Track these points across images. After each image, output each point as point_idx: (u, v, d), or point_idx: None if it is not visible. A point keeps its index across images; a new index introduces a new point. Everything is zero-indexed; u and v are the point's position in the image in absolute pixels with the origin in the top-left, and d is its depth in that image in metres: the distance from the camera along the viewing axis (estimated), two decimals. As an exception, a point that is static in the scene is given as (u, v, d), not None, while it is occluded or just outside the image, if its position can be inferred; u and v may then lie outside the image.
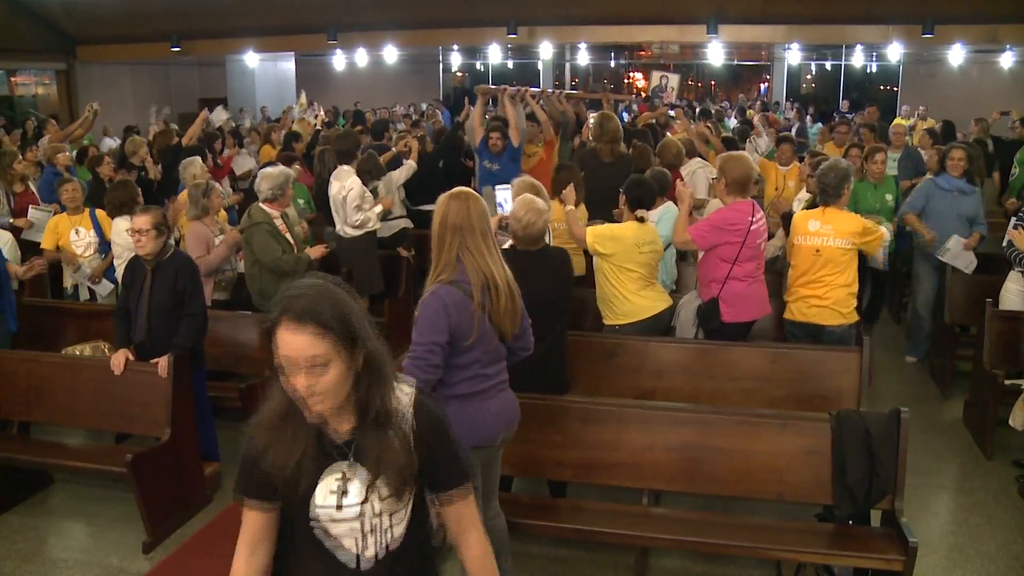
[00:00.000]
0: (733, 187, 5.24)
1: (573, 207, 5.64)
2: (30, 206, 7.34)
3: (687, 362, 5.21)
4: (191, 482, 5.09)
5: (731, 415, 4.30)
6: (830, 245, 5.26)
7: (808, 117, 19.46)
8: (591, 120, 10.05)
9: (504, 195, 5.49)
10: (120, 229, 6.18)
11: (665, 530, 4.09)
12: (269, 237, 5.96)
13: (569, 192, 5.71)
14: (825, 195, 5.35)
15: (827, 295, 5.30)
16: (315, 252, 6.29)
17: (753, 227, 5.18)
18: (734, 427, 4.22)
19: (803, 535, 4.01)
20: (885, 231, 5.75)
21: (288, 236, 6.12)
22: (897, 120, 12.94)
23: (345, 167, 7.15)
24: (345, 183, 7.02)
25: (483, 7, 15.37)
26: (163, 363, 4.86)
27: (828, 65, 25.79)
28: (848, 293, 5.35)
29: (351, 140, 7.62)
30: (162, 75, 21.15)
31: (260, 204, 6.09)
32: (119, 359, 4.93)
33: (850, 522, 4.10)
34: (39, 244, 6.83)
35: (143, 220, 4.95)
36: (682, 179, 7.10)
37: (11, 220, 7.49)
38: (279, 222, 6.08)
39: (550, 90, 10.18)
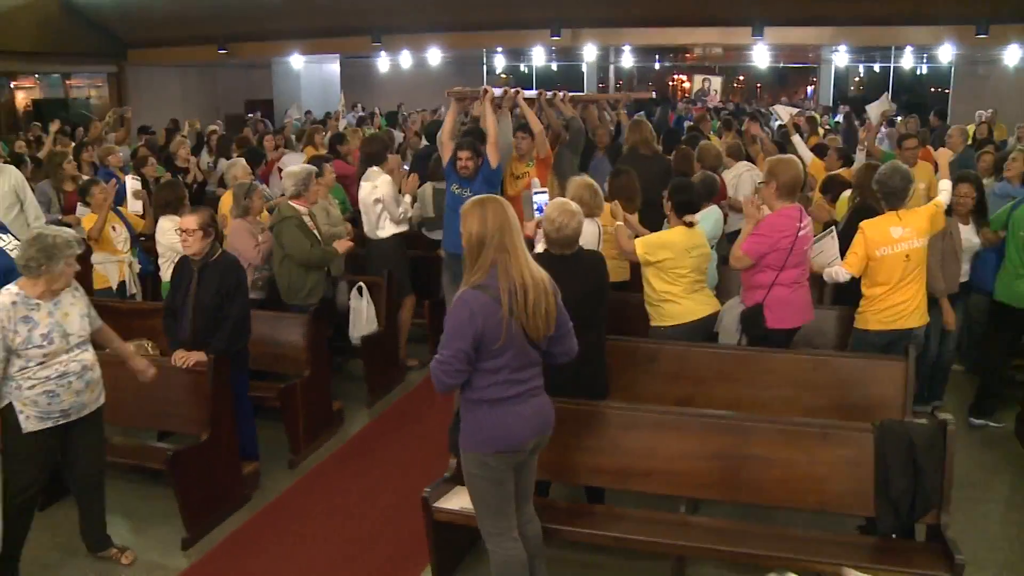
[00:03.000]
0: (783, 191, 5.15)
1: (623, 222, 5.56)
2: (79, 204, 7.46)
3: (727, 368, 5.13)
4: (230, 481, 5.13)
5: (771, 423, 4.21)
6: (916, 247, 5.14)
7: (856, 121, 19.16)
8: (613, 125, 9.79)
9: (541, 199, 5.46)
10: (165, 228, 6.26)
11: (702, 539, 4.01)
12: (298, 231, 6.08)
13: (617, 207, 5.66)
14: (894, 199, 5.18)
15: (914, 298, 5.21)
16: (342, 245, 6.37)
17: (801, 233, 5.10)
18: (774, 435, 4.14)
19: (844, 547, 3.92)
20: (942, 186, 5.61)
21: (316, 232, 6.22)
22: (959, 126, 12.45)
23: (375, 168, 7.19)
24: (376, 182, 7.07)
25: (526, 9, 15.35)
26: (184, 354, 4.92)
27: (877, 67, 25.38)
28: (925, 291, 5.31)
29: (379, 142, 7.65)
30: (209, 77, 21.46)
31: (288, 200, 6.20)
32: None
33: (893, 536, 4.00)
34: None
35: (190, 220, 5.02)
36: (724, 183, 7.04)
37: (60, 217, 7.64)
38: (307, 218, 6.17)
39: (550, 93, 8.59)
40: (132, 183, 7.51)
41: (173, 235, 5.85)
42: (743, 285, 5.39)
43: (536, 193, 5.73)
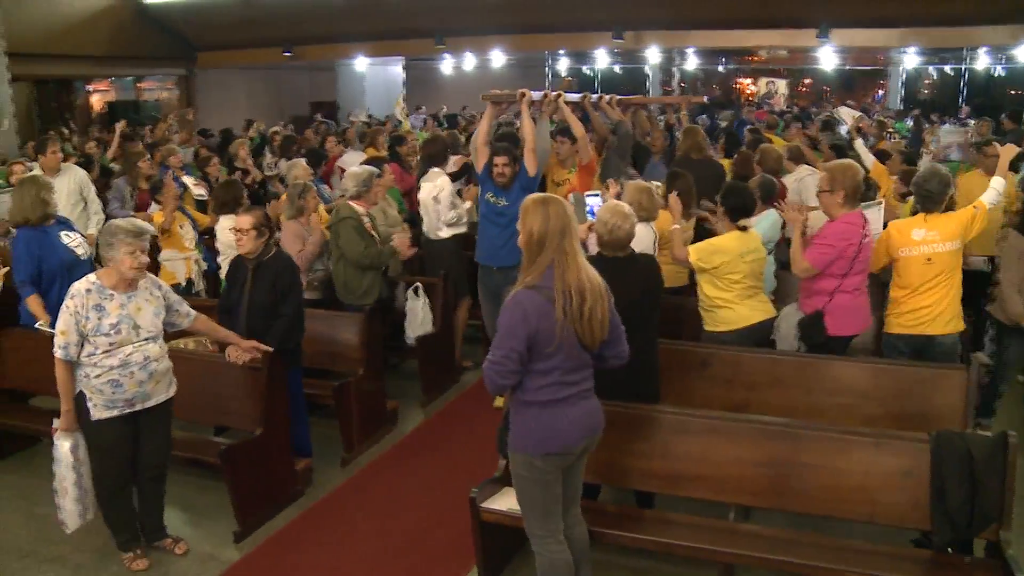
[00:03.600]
0: (847, 198, 5.07)
1: (679, 225, 5.49)
2: (152, 201, 7.66)
3: (782, 374, 5.05)
4: (282, 476, 5.21)
5: (822, 431, 4.13)
6: (940, 251, 5.01)
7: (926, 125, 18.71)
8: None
9: (594, 202, 5.45)
10: (224, 227, 6.39)
11: (751, 547, 3.95)
12: (354, 232, 6.16)
13: (675, 204, 5.61)
14: (929, 202, 5.08)
15: (939, 304, 5.05)
16: (402, 243, 6.41)
17: (865, 239, 5.03)
18: (825, 443, 4.06)
19: (897, 560, 3.81)
20: (993, 184, 5.37)
21: (374, 234, 6.28)
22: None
23: (435, 169, 7.24)
24: (436, 182, 7.13)
25: (589, 11, 15.31)
26: (238, 351, 5.00)
27: (949, 69, 24.74)
28: (957, 299, 5.12)
29: (439, 144, 7.69)
30: (275, 80, 21.84)
31: (347, 201, 6.28)
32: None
33: (950, 551, 3.89)
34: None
35: (245, 220, 5.13)
36: (784, 187, 6.93)
37: (133, 214, 7.85)
38: (365, 220, 6.24)
39: (595, 96, 8.34)
40: (190, 181, 7.66)
41: (231, 234, 5.97)
42: (802, 291, 5.31)
43: (589, 196, 5.73)
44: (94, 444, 4.41)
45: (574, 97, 7.72)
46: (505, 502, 4.17)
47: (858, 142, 8.70)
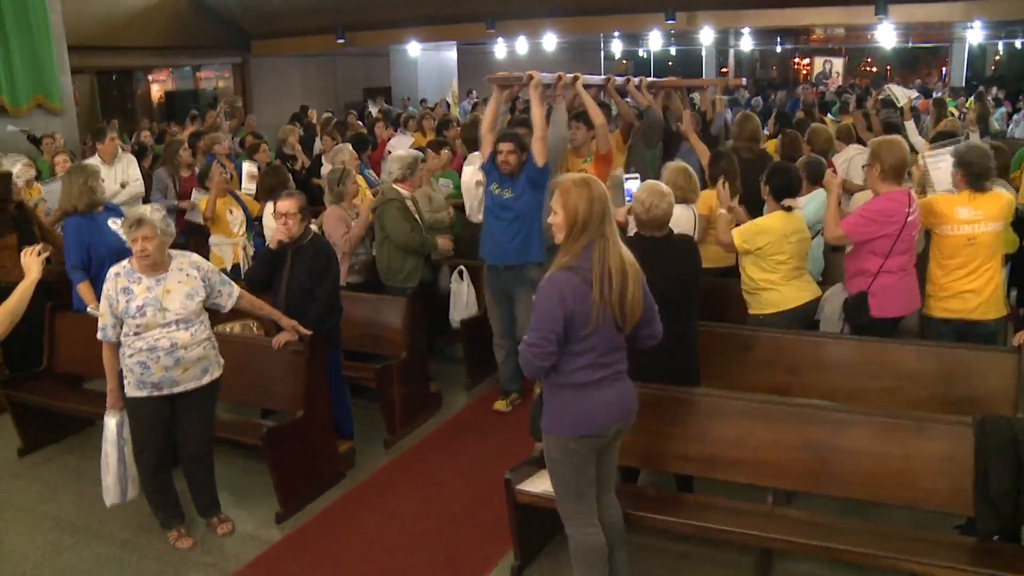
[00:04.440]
0: (888, 174, 4.94)
1: (726, 211, 5.41)
2: (193, 189, 7.79)
3: (825, 357, 4.95)
4: (324, 459, 5.27)
5: (862, 415, 4.04)
6: (984, 231, 4.86)
7: (992, 101, 18.14)
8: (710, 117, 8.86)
9: (632, 185, 5.39)
10: (270, 213, 6.46)
11: (789, 532, 3.87)
12: (399, 215, 6.20)
13: (724, 191, 5.52)
14: (977, 180, 4.89)
15: (984, 289, 4.89)
16: (443, 243, 6.47)
17: (909, 218, 4.89)
18: (865, 428, 3.97)
19: (939, 547, 3.71)
20: None
21: (417, 217, 6.31)
22: None
23: (477, 153, 7.25)
24: (478, 166, 7.13)
25: (641, -8, 15.16)
26: (288, 324, 5.04)
27: (1019, 43, 23.93)
28: (1000, 282, 4.97)
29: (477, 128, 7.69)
30: (329, 66, 22.02)
31: (392, 184, 6.31)
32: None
33: (995, 538, 3.79)
34: (199, 224, 7.30)
35: (289, 204, 5.18)
36: (833, 168, 6.78)
37: (177, 203, 8.00)
38: (410, 203, 6.26)
39: (621, 78, 7.76)
40: (249, 167, 7.75)
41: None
42: (846, 272, 5.20)
43: (628, 179, 5.66)
44: (131, 420, 4.56)
45: (595, 80, 7.30)
46: (540, 485, 4.16)
47: (909, 124, 8.46)
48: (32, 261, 4.07)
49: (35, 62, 11.33)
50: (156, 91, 23.04)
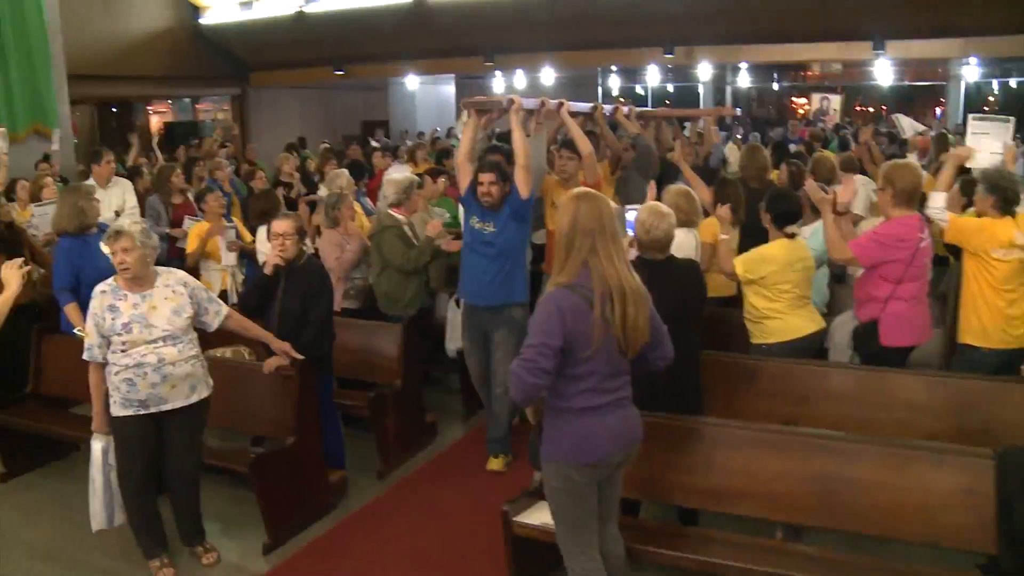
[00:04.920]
0: (900, 198, 4.82)
1: (727, 236, 5.29)
2: (186, 217, 7.68)
3: (835, 388, 4.81)
4: (314, 488, 5.10)
5: (877, 445, 3.88)
6: None
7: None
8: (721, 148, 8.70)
9: (634, 215, 5.21)
10: (263, 238, 6.35)
11: (800, 568, 3.70)
12: (398, 241, 6.05)
13: (725, 212, 5.40)
14: (1009, 204, 4.78)
15: None
16: (433, 227, 6.25)
17: (922, 244, 4.77)
18: (881, 459, 3.80)
19: (959, 586, 3.57)
20: None
21: (415, 242, 6.19)
22: None
23: None
24: None
25: (639, 27, 15.13)
26: (279, 346, 4.89)
27: (1013, 82, 24.01)
28: None
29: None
30: (327, 99, 22.01)
31: (387, 209, 6.20)
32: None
33: (1018, 576, 3.62)
34: (192, 252, 7.19)
35: (285, 224, 5.09)
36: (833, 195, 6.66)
37: (168, 230, 7.87)
38: (407, 228, 6.14)
39: (609, 107, 7.48)
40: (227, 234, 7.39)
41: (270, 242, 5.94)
42: (856, 299, 5.07)
43: (629, 210, 5.49)
44: (116, 440, 4.41)
45: (582, 107, 6.98)
46: (539, 517, 4.00)
47: (911, 157, 8.37)
48: (12, 274, 3.95)
49: (34, 89, 11.28)
50: (156, 122, 23.03)
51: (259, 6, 17.50)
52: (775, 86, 29.15)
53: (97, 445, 4.45)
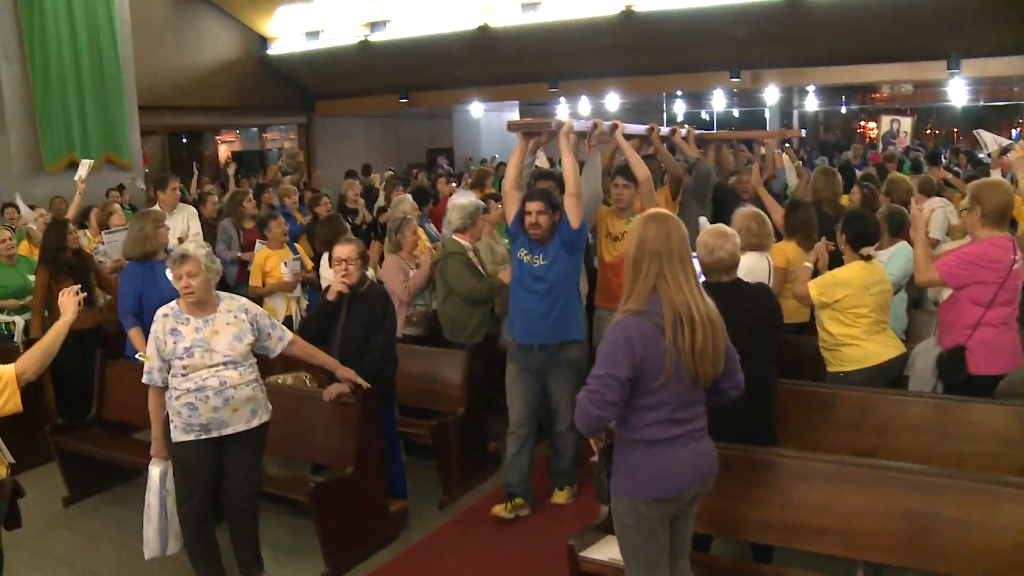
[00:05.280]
0: (990, 218, 4.58)
1: (811, 263, 5.08)
2: (257, 241, 7.73)
3: (917, 418, 4.55)
4: (374, 518, 5.00)
5: (970, 480, 3.62)
6: None
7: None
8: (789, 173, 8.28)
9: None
10: (327, 263, 6.33)
11: (884, 611, 3.50)
12: (463, 267, 5.93)
13: (820, 247, 5.21)
14: None
15: None
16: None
17: (1015, 266, 4.53)
18: (973, 495, 3.54)
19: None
20: None
21: (480, 268, 6.08)
22: None
23: None
24: None
25: (705, 51, 14.98)
26: (344, 374, 4.84)
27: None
28: None
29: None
30: (392, 127, 22.27)
31: (452, 235, 6.11)
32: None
33: None
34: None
35: (348, 249, 5.04)
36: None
37: (239, 255, 7.94)
38: (472, 255, 6.05)
39: (666, 129, 7.09)
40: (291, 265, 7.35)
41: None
42: (941, 324, 4.83)
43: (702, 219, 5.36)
44: (176, 466, 4.38)
45: (638, 129, 6.63)
46: (606, 551, 3.84)
47: (995, 174, 8.03)
48: (68, 301, 3.94)
49: (107, 120, 11.62)
50: (224, 152, 23.53)
51: (325, 36, 17.77)
52: (843, 109, 28.59)
53: (155, 470, 4.44)
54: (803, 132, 7.04)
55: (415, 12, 16.67)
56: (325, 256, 6.42)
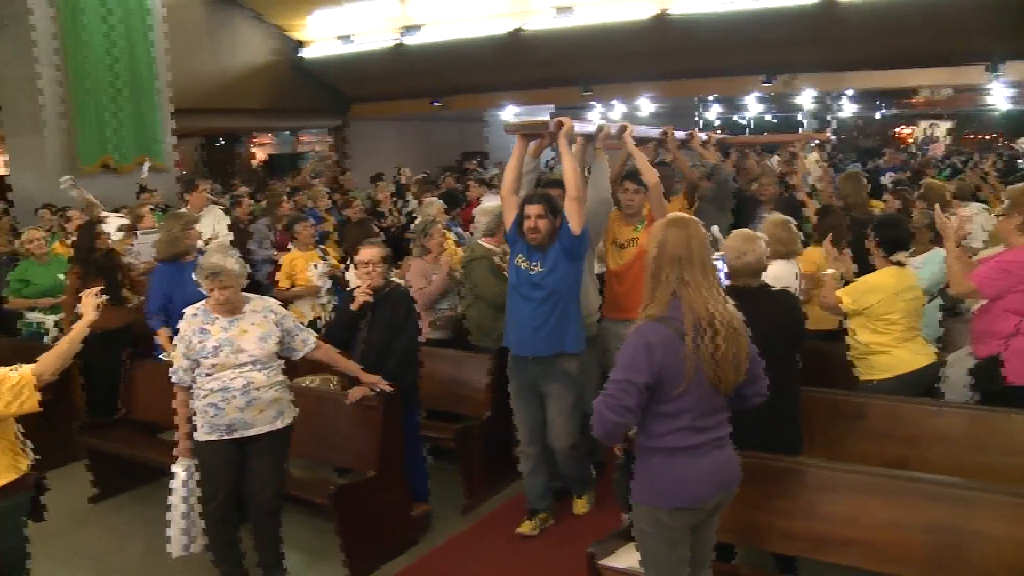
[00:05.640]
0: None
1: (835, 270, 4.98)
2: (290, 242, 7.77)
3: (950, 429, 4.44)
4: (397, 522, 5.00)
5: (1003, 494, 3.52)
6: None
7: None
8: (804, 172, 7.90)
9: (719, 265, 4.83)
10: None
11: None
12: (489, 272, 5.88)
13: (831, 247, 5.12)
14: None
15: None
16: None
17: None
18: (1006, 509, 3.45)
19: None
20: None
21: (506, 273, 6.04)
22: None
23: None
24: None
25: (738, 55, 14.82)
26: (368, 379, 4.85)
27: None
28: None
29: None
30: (424, 130, 22.31)
31: (479, 239, 6.07)
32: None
33: None
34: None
35: (373, 252, 5.04)
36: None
37: (273, 254, 7.98)
38: (499, 259, 6.02)
39: (681, 133, 6.74)
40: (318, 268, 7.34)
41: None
42: (974, 334, 4.72)
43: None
44: (201, 466, 4.41)
45: (650, 133, 6.36)
46: (627, 560, 3.78)
47: None
48: (88, 303, 3.95)
49: (142, 123, 11.72)
50: (259, 154, 23.72)
51: (358, 39, 17.84)
52: (879, 114, 28.19)
53: (180, 469, 4.46)
54: (830, 135, 6.62)
55: (447, 16, 16.68)
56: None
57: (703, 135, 6.88)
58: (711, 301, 3.13)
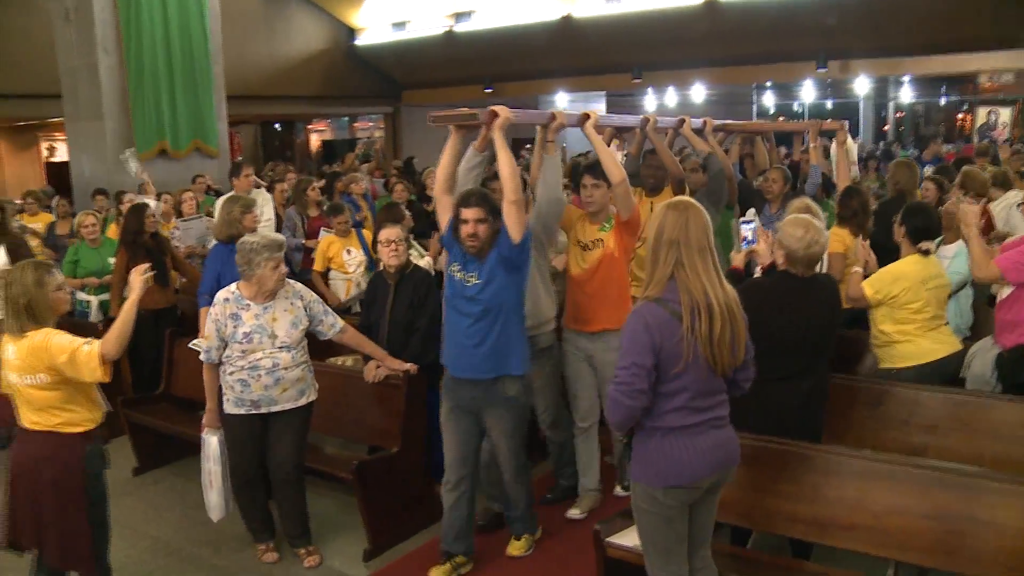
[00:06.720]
0: None
1: (861, 268, 4.95)
2: (321, 228, 7.92)
3: (968, 417, 4.39)
4: (418, 498, 5.09)
5: (1007, 482, 3.50)
6: None
7: None
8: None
9: (749, 229, 4.66)
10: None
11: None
12: None
13: (863, 248, 5.09)
14: None
15: None
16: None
17: None
18: (1012, 496, 3.42)
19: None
20: None
21: None
22: None
23: None
24: None
25: (791, 40, 14.65)
26: (393, 364, 4.98)
27: None
28: None
29: None
30: (476, 117, 22.42)
31: None
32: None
33: None
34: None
35: (395, 232, 5.19)
36: (989, 214, 6.19)
37: (304, 242, 8.14)
38: None
39: (667, 120, 5.95)
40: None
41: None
42: (999, 324, 4.67)
43: (744, 222, 4.84)
44: (229, 437, 4.64)
45: (625, 120, 5.70)
46: (632, 538, 3.83)
47: None
48: (136, 280, 4.04)
49: (196, 109, 12.00)
50: (315, 140, 24.10)
51: (411, 27, 18.02)
52: (942, 101, 27.47)
53: (213, 439, 4.68)
54: (845, 123, 6.03)
55: (499, 2, 16.76)
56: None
57: (698, 122, 6.10)
58: (709, 284, 3.16)
